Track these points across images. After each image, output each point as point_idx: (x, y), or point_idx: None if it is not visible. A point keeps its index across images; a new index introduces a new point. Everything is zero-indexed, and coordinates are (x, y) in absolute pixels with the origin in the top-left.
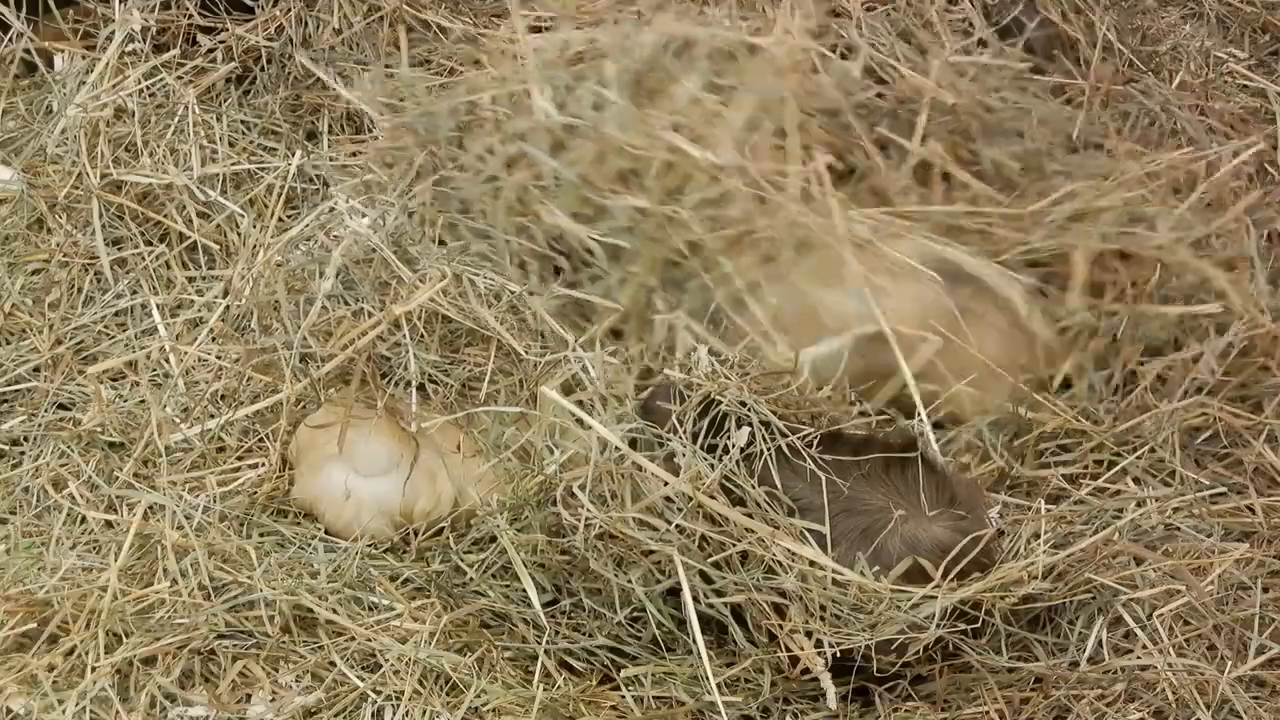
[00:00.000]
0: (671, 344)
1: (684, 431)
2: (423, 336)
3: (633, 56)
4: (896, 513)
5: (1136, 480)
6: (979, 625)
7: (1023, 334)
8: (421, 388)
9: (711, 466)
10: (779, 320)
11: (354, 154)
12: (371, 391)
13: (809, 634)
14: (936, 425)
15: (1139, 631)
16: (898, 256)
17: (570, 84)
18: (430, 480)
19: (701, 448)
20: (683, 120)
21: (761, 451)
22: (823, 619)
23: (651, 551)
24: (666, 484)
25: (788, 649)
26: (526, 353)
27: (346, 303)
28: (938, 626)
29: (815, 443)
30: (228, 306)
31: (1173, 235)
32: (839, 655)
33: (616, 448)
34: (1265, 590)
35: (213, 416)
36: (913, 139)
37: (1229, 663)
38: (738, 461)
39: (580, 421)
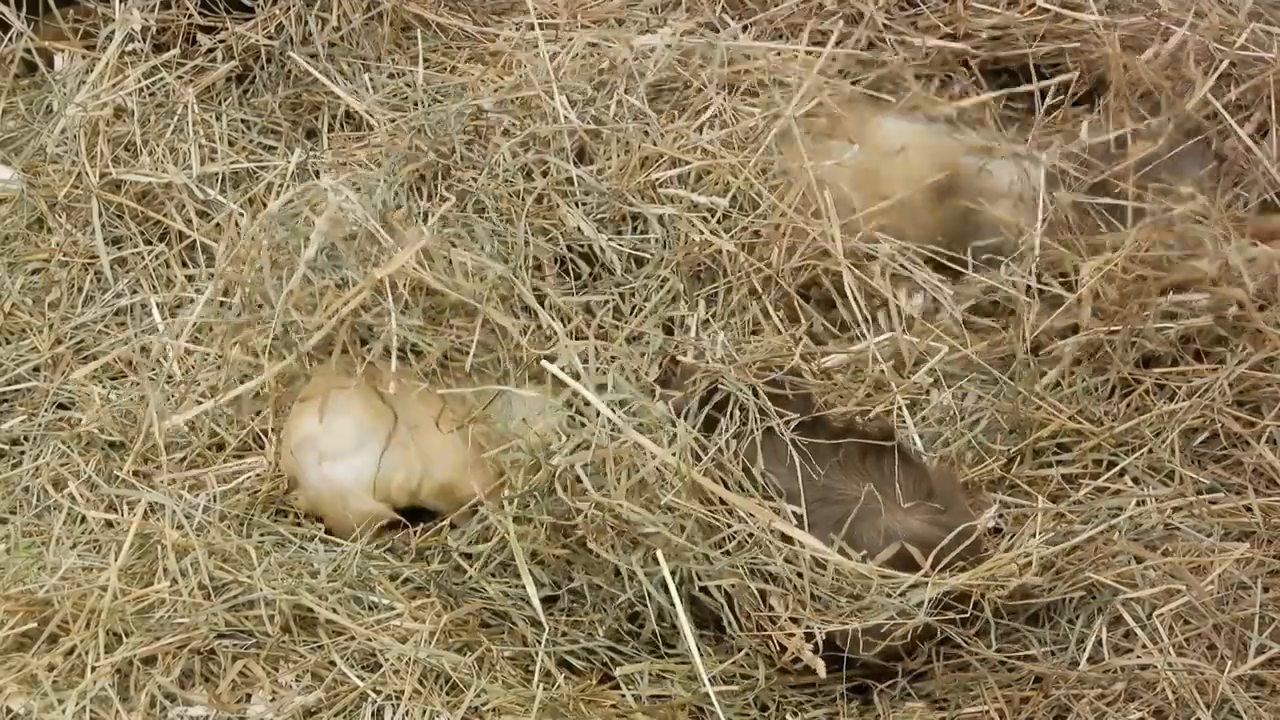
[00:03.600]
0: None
1: (685, 415)
2: (407, 305)
3: (652, 63)
4: (868, 500)
5: (1136, 480)
6: (969, 618)
7: None
8: (403, 356)
9: (704, 447)
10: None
11: (344, 162)
12: (350, 361)
13: (794, 619)
14: None
15: (1139, 631)
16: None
17: (591, 92)
18: (405, 451)
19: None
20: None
21: (752, 432)
22: (802, 603)
23: (648, 533)
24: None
25: (776, 638)
26: (513, 329)
27: (331, 276)
28: (924, 615)
29: (796, 426)
30: (219, 297)
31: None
32: (825, 640)
33: (612, 424)
34: (1265, 590)
35: (200, 402)
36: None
37: (1229, 662)
38: (726, 442)
39: (574, 401)
